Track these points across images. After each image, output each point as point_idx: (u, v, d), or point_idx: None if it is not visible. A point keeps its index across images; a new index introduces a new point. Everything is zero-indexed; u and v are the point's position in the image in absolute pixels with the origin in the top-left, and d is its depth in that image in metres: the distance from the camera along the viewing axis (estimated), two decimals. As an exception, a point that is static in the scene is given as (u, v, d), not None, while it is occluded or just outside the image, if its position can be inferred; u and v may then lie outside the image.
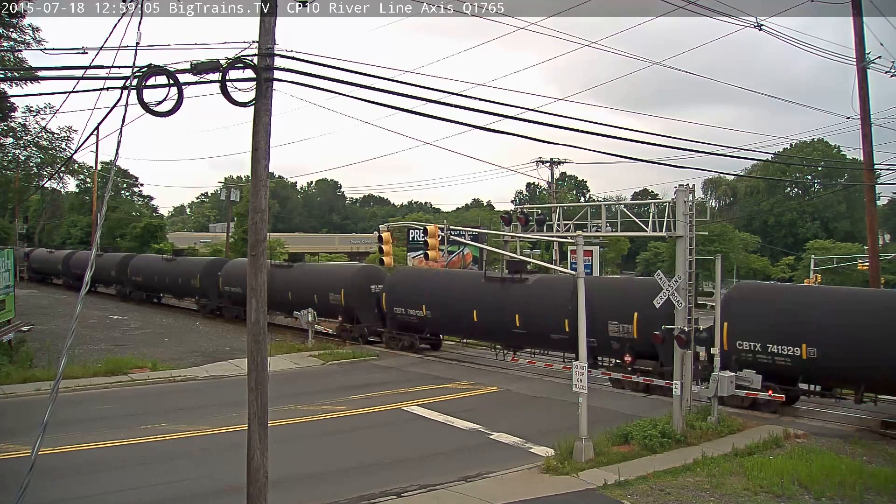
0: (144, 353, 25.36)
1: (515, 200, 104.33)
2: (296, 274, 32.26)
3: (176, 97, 8.10)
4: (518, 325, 23.14)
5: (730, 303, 18.73)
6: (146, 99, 7.98)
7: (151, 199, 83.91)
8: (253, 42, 8.61)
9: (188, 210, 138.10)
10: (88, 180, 64.88)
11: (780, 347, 17.67)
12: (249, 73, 8.53)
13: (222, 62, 8.29)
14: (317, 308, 28.85)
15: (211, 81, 8.37)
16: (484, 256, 39.42)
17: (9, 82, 31.40)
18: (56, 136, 41.59)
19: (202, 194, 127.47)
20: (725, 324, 18.07)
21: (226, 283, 36.23)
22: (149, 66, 7.95)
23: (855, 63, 22.12)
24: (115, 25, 8.09)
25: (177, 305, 44.00)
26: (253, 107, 8.69)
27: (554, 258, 38.14)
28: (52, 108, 35.76)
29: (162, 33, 8.27)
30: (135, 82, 7.83)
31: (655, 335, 16.20)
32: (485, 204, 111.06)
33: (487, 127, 11.75)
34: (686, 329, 15.29)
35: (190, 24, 33.12)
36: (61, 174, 48.27)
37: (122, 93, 7.82)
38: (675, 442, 14.60)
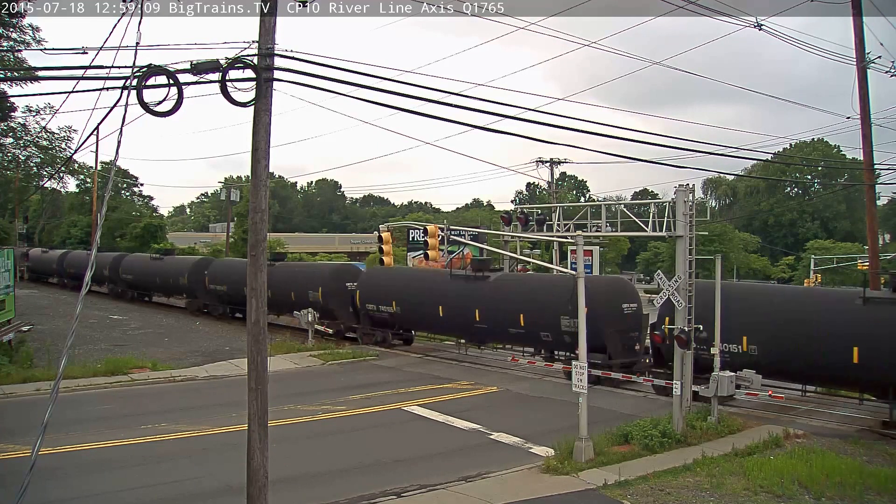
0: (144, 353, 25.39)
1: (515, 200, 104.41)
2: (277, 272, 32.40)
3: (176, 97, 8.09)
4: (478, 319, 24.43)
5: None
6: (146, 99, 7.96)
7: (151, 199, 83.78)
8: (253, 42, 8.60)
9: (188, 210, 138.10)
10: (88, 180, 64.81)
11: (733, 344, 18.70)
12: (249, 73, 8.51)
13: (222, 62, 8.28)
14: (296, 305, 29.46)
15: (211, 81, 8.36)
16: (484, 256, 39.37)
17: (9, 82, 31.42)
18: (56, 136, 41.70)
19: (202, 194, 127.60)
20: None
21: (212, 282, 37.21)
22: (149, 66, 7.94)
23: (855, 63, 22.11)
24: (115, 25, 8.09)
25: (166, 303, 44.39)
26: (253, 107, 8.68)
27: (554, 258, 38.07)
28: (52, 108, 35.87)
29: (162, 33, 8.28)
30: (135, 82, 7.82)
31: (655, 335, 16.19)
32: (485, 204, 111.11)
33: (487, 127, 11.76)
34: (686, 329, 15.28)
35: (190, 24, 33.18)
36: (61, 174, 48.40)
37: (122, 93, 7.81)
38: (675, 442, 14.59)
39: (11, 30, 30.61)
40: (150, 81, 7.97)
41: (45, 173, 44.69)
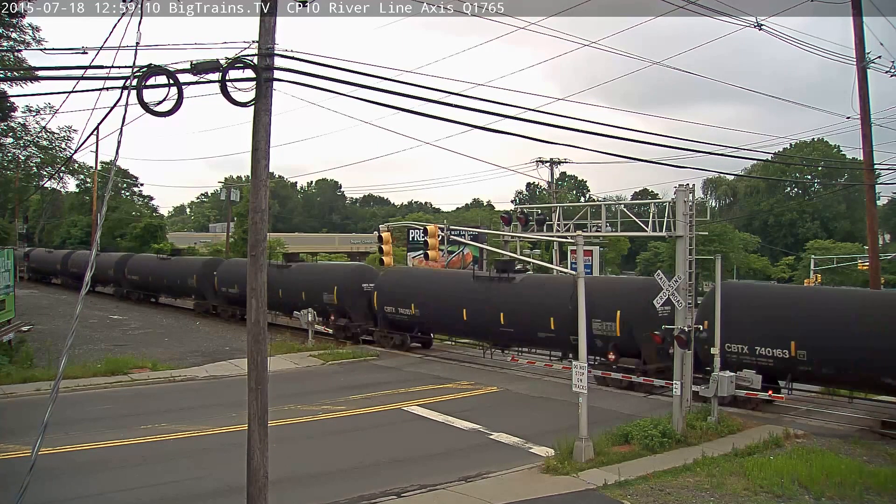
0: (144, 353, 25.38)
1: (515, 200, 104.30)
2: (167, 263, 42.38)
3: (176, 97, 8.08)
4: (281, 296, 31.71)
5: (379, 286, 28.90)
6: (146, 99, 7.96)
7: (151, 199, 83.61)
8: (253, 42, 8.60)
9: (188, 210, 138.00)
10: (88, 180, 64.89)
11: (402, 308, 27.64)
12: (249, 73, 8.51)
13: (222, 62, 8.28)
14: (178, 289, 40.42)
15: (211, 81, 8.35)
16: (484, 256, 39.42)
17: (9, 82, 31.41)
18: (56, 136, 41.71)
19: (202, 194, 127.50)
20: (376, 293, 28.85)
21: (129, 273, 45.52)
22: (149, 66, 7.93)
23: (855, 63, 22.11)
24: (115, 25, 8.08)
25: (102, 291, 49.78)
26: (253, 107, 8.68)
27: (554, 258, 38.09)
28: (52, 108, 35.86)
29: (162, 33, 8.25)
30: (135, 82, 7.82)
31: (655, 335, 16.16)
32: (485, 204, 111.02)
33: (487, 127, 11.76)
34: (686, 329, 15.28)
35: (190, 24, 33.13)
36: (61, 174, 48.52)
37: (122, 93, 7.81)
38: (675, 442, 14.59)
39: (11, 30, 30.60)
40: (150, 81, 7.97)
41: (45, 173, 44.69)
